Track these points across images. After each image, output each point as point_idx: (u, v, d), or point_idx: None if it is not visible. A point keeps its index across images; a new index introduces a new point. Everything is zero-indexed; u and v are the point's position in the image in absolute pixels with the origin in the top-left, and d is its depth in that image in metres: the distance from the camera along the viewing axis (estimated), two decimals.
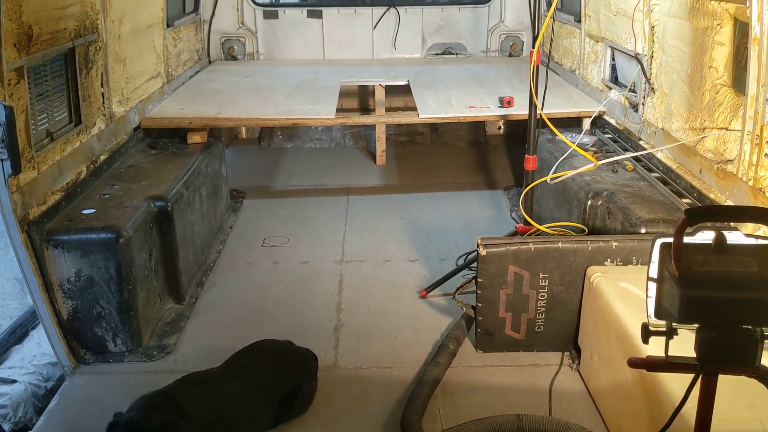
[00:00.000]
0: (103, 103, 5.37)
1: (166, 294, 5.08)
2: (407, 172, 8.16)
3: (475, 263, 4.39)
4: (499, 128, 9.35)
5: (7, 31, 3.93)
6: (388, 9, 9.23)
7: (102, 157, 5.30)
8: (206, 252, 5.86)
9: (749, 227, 3.80)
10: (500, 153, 8.78)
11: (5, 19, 3.89)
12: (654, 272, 2.31)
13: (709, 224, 2.29)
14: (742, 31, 4.25)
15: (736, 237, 2.26)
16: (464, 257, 5.66)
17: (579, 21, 7.25)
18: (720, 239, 2.20)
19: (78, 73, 4.94)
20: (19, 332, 4.75)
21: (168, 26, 7.18)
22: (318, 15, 9.24)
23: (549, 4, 8.08)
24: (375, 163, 8.38)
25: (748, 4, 4.03)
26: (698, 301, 2.15)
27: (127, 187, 5.05)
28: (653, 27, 5.45)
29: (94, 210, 4.56)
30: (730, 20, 4.35)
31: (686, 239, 2.22)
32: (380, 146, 8.31)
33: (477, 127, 9.19)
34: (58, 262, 4.24)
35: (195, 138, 6.27)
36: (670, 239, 2.22)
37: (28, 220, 4.11)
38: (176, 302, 5.14)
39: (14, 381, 4.23)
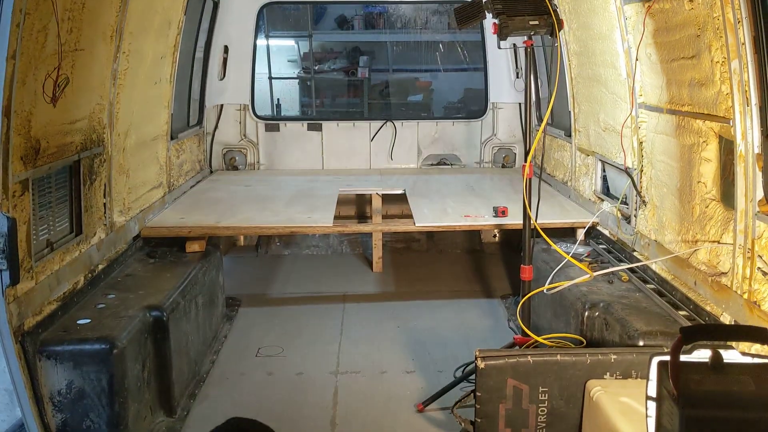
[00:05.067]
0: (105, 213, 5.46)
1: (158, 407, 4.96)
2: (404, 279, 8.19)
3: (474, 375, 4.32)
4: (495, 236, 9.46)
5: (15, 146, 4.02)
6: (385, 123, 9.59)
7: (100, 267, 5.33)
8: (200, 362, 5.77)
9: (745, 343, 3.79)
10: (496, 261, 8.84)
11: (14, 134, 4.00)
12: (653, 391, 2.30)
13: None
14: (727, 148, 4.40)
15: (732, 355, 2.27)
16: (462, 369, 5.57)
17: (569, 135, 7.50)
18: (717, 358, 2.21)
19: (81, 184, 5.05)
20: None
21: (172, 138, 7.41)
22: (318, 128, 9.58)
23: (540, 120, 8.40)
24: (372, 269, 8.42)
25: (731, 123, 4.20)
26: (698, 421, 2.13)
27: (124, 296, 5.04)
28: (641, 142, 5.64)
29: (89, 320, 4.53)
30: (716, 138, 4.52)
31: (683, 357, 2.23)
32: (377, 253, 8.38)
33: (473, 234, 9.30)
34: (50, 374, 4.17)
35: (193, 247, 6.33)
36: (667, 357, 2.23)
37: (23, 331, 4.08)
38: (167, 415, 5.01)
39: None
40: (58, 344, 4.22)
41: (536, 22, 4.69)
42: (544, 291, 5.22)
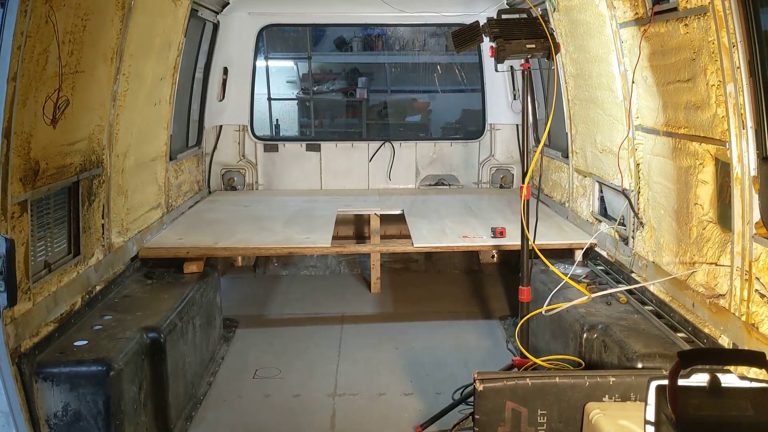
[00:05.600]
0: (103, 233, 5.45)
1: (154, 429, 4.92)
2: (402, 300, 8.17)
3: (472, 398, 4.30)
4: (493, 257, 9.46)
5: (14, 167, 4.03)
6: (384, 143, 9.63)
7: (98, 288, 5.31)
8: (197, 384, 5.74)
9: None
10: (495, 281, 8.83)
11: (13, 155, 4.01)
12: (651, 415, 2.29)
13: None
14: (723, 170, 4.42)
15: (730, 379, 2.26)
16: (461, 391, 5.55)
17: (566, 157, 7.53)
18: (715, 382, 2.21)
19: (80, 205, 5.05)
20: None
21: (171, 159, 7.42)
22: (316, 148, 9.62)
23: (537, 141, 8.44)
24: (370, 290, 8.41)
25: (727, 146, 4.22)
26: None
27: (121, 317, 5.02)
28: (638, 164, 5.66)
29: (86, 342, 4.51)
30: (712, 160, 4.54)
31: (681, 381, 2.23)
32: (375, 274, 8.37)
33: (471, 255, 9.30)
34: (47, 396, 4.15)
35: (191, 268, 6.31)
36: (665, 381, 2.22)
37: (20, 353, 4.06)
38: None
39: None
40: (54, 366, 4.20)
41: (533, 46, 4.73)
42: (543, 313, 5.21)
